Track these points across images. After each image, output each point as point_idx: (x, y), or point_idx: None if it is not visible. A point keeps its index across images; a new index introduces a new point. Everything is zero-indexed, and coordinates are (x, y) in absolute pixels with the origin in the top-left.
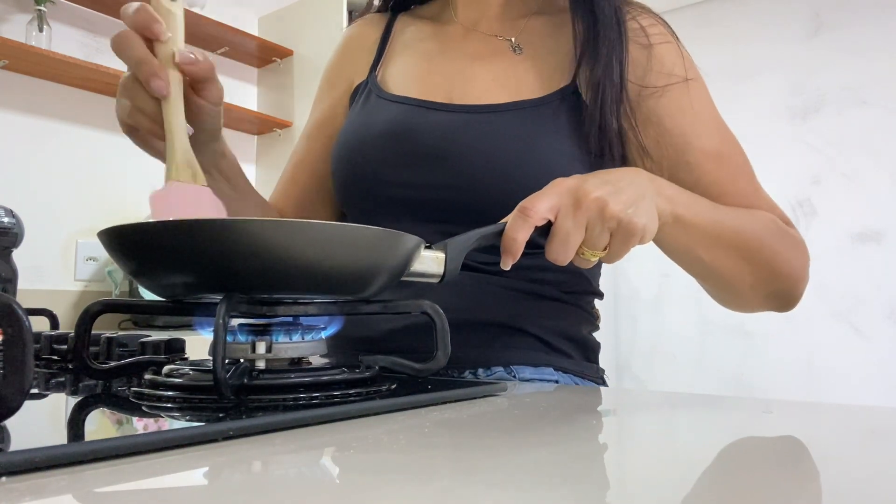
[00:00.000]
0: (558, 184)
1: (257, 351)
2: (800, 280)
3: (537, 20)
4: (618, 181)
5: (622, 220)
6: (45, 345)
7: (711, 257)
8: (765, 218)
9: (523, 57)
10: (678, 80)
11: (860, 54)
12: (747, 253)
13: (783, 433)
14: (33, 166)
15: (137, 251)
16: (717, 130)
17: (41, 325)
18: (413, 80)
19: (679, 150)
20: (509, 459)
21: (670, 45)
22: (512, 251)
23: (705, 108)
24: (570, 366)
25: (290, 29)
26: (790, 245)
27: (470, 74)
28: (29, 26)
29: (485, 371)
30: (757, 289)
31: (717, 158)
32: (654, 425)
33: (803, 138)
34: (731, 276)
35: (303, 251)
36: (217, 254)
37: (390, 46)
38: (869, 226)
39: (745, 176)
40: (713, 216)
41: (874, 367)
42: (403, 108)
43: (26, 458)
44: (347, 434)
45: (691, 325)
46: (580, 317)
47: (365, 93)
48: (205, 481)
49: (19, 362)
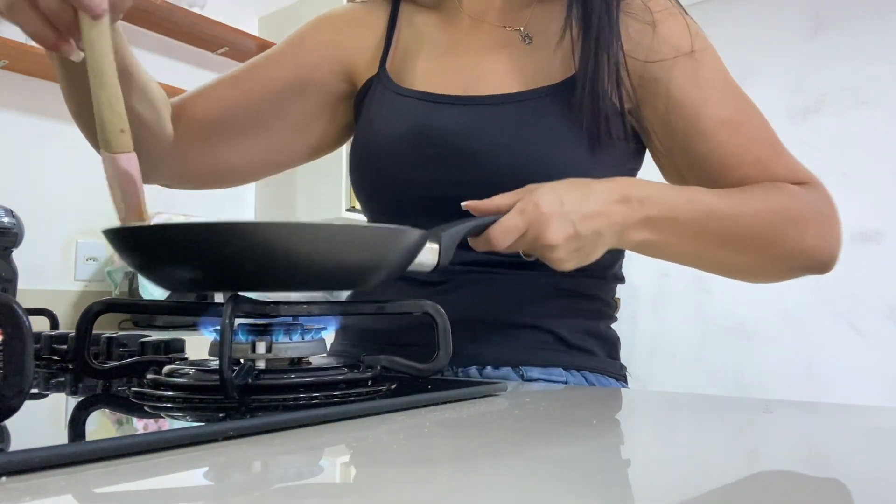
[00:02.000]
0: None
1: (257, 351)
2: (819, 251)
3: (541, 7)
4: (577, 201)
5: (551, 251)
6: (45, 345)
7: (700, 249)
8: (773, 192)
9: (534, 46)
10: (685, 52)
11: (860, 54)
12: (744, 241)
13: (783, 433)
14: (33, 166)
15: (143, 250)
16: (729, 97)
17: (41, 325)
18: (427, 74)
19: (691, 120)
20: (509, 459)
21: (675, 19)
22: (498, 248)
23: (717, 76)
24: (594, 363)
25: (290, 29)
26: (806, 218)
27: (484, 67)
28: None
29: (493, 369)
30: (769, 268)
31: (730, 125)
32: (653, 425)
33: (803, 138)
34: (729, 264)
35: (308, 251)
36: (223, 254)
37: (397, 37)
38: (869, 226)
39: (762, 142)
40: (700, 208)
41: (874, 367)
42: (422, 105)
43: (26, 458)
44: (347, 434)
45: (691, 325)
46: (600, 311)
47: (378, 88)
48: (205, 481)
49: (19, 362)
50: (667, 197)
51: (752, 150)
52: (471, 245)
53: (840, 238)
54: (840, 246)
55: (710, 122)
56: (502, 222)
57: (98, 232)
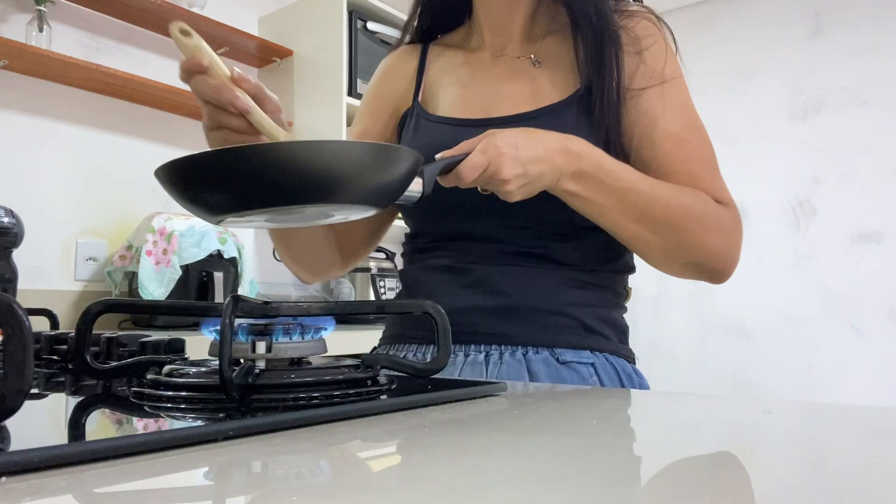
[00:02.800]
0: (491, 143)
1: (257, 351)
2: (717, 256)
3: (550, 39)
4: (526, 145)
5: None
6: (45, 345)
7: (617, 216)
8: (689, 192)
9: (541, 69)
10: (660, 77)
11: (860, 54)
12: (655, 222)
13: (783, 433)
14: (33, 166)
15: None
16: (683, 117)
17: (41, 325)
18: (454, 103)
19: (648, 127)
20: (509, 459)
21: (658, 45)
22: (465, 181)
23: (680, 97)
24: (611, 347)
25: (290, 29)
26: (708, 222)
27: (502, 92)
28: (29, 26)
29: (533, 350)
30: (671, 256)
31: (677, 140)
32: (653, 425)
33: (803, 138)
34: (640, 240)
35: (322, 165)
36: (256, 173)
37: (427, 74)
38: (869, 226)
39: (699, 160)
40: (626, 178)
41: (874, 367)
42: (451, 128)
43: (26, 458)
44: (347, 434)
45: (691, 325)
46: (614, 301)
47: (413, 118)
48: (205, 481)
49: (19, 362)
50: (600, 158)
51: (688, 163)
52: (440, 183)
53: (738, 256)
54: (737, 263)
55: (662, 133)
56: (469, 160)
57: (98, 232)
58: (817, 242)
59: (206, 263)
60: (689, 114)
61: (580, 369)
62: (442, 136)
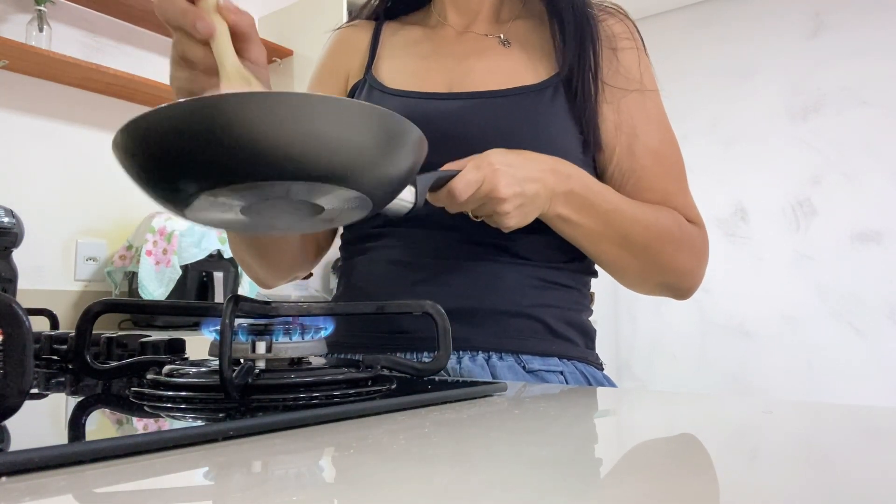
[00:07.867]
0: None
1: (257, 351)
2: (687, 276)
3: (520, 22)
4: (520, 165)
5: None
6: (45, 345)
7: (600, 241)
8: (665, 214)
9: (512, 50)
10: (637, 87)
11: (860, 54)
12: (635, 245)
13: (783, 433)
14: (33, 166)
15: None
16: (661, 132)
17: (41, 325)
18: (412, 76)
19: (630, 136)
20: (509, 459)
21: (633, 53)
22: (458, 199)
23: (657, 112)
24: (576, 352)
25: (290, 29)
26: (682, 243)
27: (466, 67)
28: (29, 26)
29: (496, 356)
30: (646, 276)
31: (655, 155)
32: (653, 425)
33: (803, 138)
34: (619, 264)
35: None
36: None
37: (382, 46)
38: (869, 226)
39: (673, 178)
40: (610, 200)
41: (874, 367)
42: (410, 100)
43: (26, 458)
44: (347, 434)
45: (691, 325)
46: (581, 303)
47: (364, 89)
48: (205, 481)
49: (19, 362)
50: (586, 179)
51: (664, 180)
52: (429, 200)
53: (703, 274)
54: (700, 281)
55: (642, 147)
56: (463, 175)
57: (98, 232)
58: (817, 242)
59: (206, 263)
60: (666, 129)
61: (549, 378)
62: (400, 110)
